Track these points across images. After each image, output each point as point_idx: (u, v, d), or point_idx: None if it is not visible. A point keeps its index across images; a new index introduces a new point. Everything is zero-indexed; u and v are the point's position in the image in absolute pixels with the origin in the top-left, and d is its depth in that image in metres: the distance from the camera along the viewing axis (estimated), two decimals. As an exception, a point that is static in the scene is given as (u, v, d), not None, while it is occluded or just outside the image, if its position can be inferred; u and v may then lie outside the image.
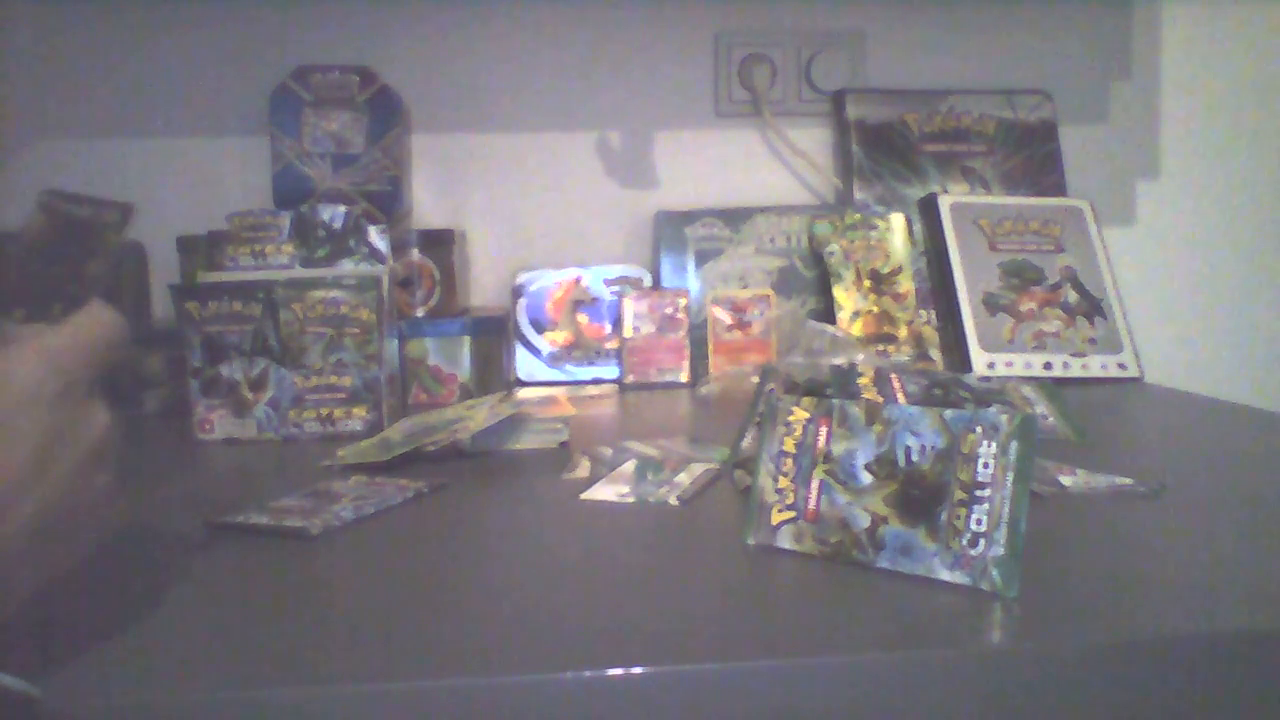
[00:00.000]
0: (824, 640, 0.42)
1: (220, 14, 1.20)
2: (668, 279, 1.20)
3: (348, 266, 0.94)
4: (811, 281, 1.20)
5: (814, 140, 1.28)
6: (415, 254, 1.08)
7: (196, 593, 0.49)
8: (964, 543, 0.46)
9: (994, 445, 0.47)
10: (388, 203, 1.12)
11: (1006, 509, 0.46)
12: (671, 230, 1.21)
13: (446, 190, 1.25)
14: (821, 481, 0.52)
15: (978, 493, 0.47)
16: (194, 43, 1.20)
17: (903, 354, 1.13)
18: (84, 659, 0.39)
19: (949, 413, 0.49)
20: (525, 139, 1.25)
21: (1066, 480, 0.65)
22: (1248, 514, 0.59)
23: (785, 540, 0.52)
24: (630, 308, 1.14)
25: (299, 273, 0.92)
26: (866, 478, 0.50)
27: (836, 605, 0.46)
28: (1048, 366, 1.09)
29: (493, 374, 1.06)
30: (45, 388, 0.36)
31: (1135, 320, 1.18)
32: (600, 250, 1.26)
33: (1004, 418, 0.47)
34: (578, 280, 1.19)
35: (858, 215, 1.20)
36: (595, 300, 1.18)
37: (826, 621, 0.44)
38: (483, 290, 1.25)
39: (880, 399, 0.74)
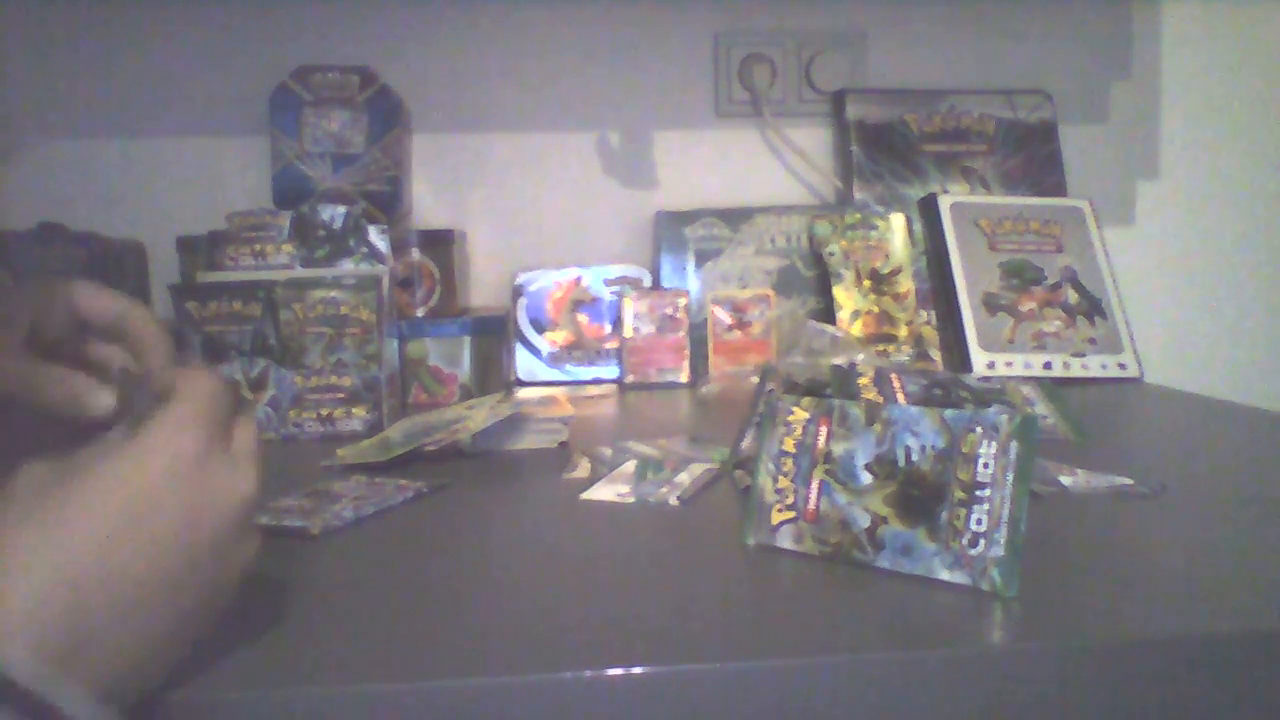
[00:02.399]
0: (824, 640, 0.42)
1: (220, 14, 1.20)
2: (668, 279, 1.19)
3: (348, 266, 0.94)
4: (811, 281, 1.20)
5: (814, 140, 1.28)
6: (415, 254, 1.08)
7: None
8: (964, 543, 0.46)
9: (994, 445, 0.47)
10: (388, 203, 1.12)
11: (1006, 509, 0.46)
12: (671, 230, 1.21)
13: (446, 190, 1.25)
14: (821, 481, 0.52)
15: (978, 493, 0.47)
16: (194, 43, 1.20)
17: (903, 354, 1.13)
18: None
19: (949, 413, 0.49)
20: (525, 139, 1.25)
21: (1066, 480, 0.65)
22: (1248, 514, 0.59)
23: (785, 540, 0.52)
24: (630, 308, 1.14)
25: (299, 273, 0.92)
26: (866, 478, 0.50)
27: (836, 605, 0.46)
28: (1048, 366, 1.09)
29: (493, 374, 1.06)
30: (185, 455, 0.37)
31: (1135, 320, 1.18)
32: (600, 250, 1.26)
33: (1004, 418, 0.47)
34: (578, 280, 1.18)
35: (858, 215, 1.20)
36: (595, 300, 1.18)
37: (826, 621, 0.44)
38: (483, 290, 1.25)
39: (880, 399, 0.74)
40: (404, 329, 1.01)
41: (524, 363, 1.17)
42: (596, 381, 1.15)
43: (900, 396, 0.75)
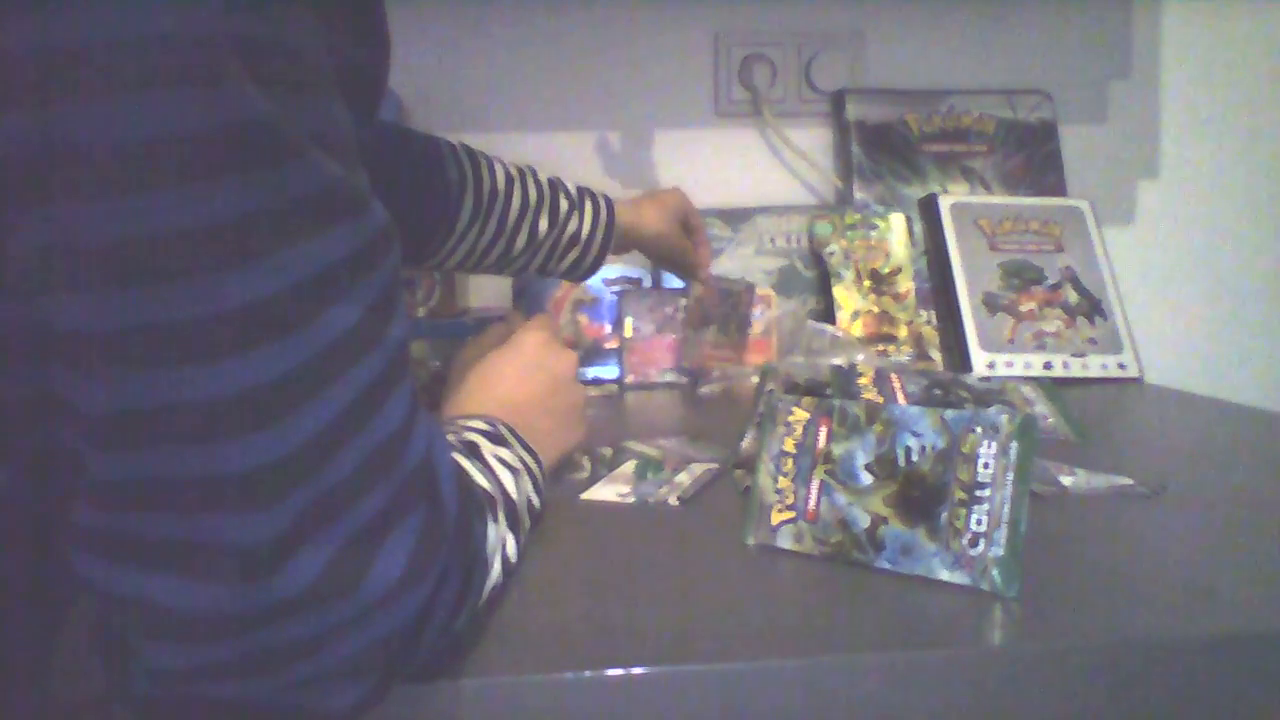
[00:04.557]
0: (824, 640, 0.42)
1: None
2: (668, 279, 1.19)
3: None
4: (811, 281, 1.20)
5: (814, 140, 1.28)
6: (415, 254, 1.08)
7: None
8: (964, 543, 0.46)
9: (994, 445, 0.47)
10: (388, 203, 1.12)
11: (1006, 509, 0.46)
12: (671, 230, 1.21)
13: (446, 190, 1.25)
14: (821, 482, 0.52)
15: (978, 493, 0.47)
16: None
17: (903, 354, 1.13)
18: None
19: (949, 413, 0.49)
20: (525, 139, 1.25)
21: (1066, 480, 0.65)
22: (1248, 514, 0.59)
23: (785, 540, 0.52)
24: (630, 308, 1.14)
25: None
26: (866, 478, 0.50)
27: (836, 605, 0.46)
28: (1048, 366, 1.09)
29: (493, 374, 1.06)
30: (540, 340, 0.66)
31: (1135, 320, 1.18)
32: (600, 250, 1.25)
33: (1004, 418, 0.47)
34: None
35: (858, 215, 1.20)
36: (595, 300, 1.18)
37: (826, 621, 0.44)
38: (483, 290, 1.25)
39: (880, 399, 0.74)
40: (404, 329, 1.01)
41: (524, 363, 1.17)
42: (596, 381, 1.15)
43: (900, 396, 0.75)
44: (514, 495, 0.49)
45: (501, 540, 0.45)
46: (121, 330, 0.29)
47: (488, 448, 0.51)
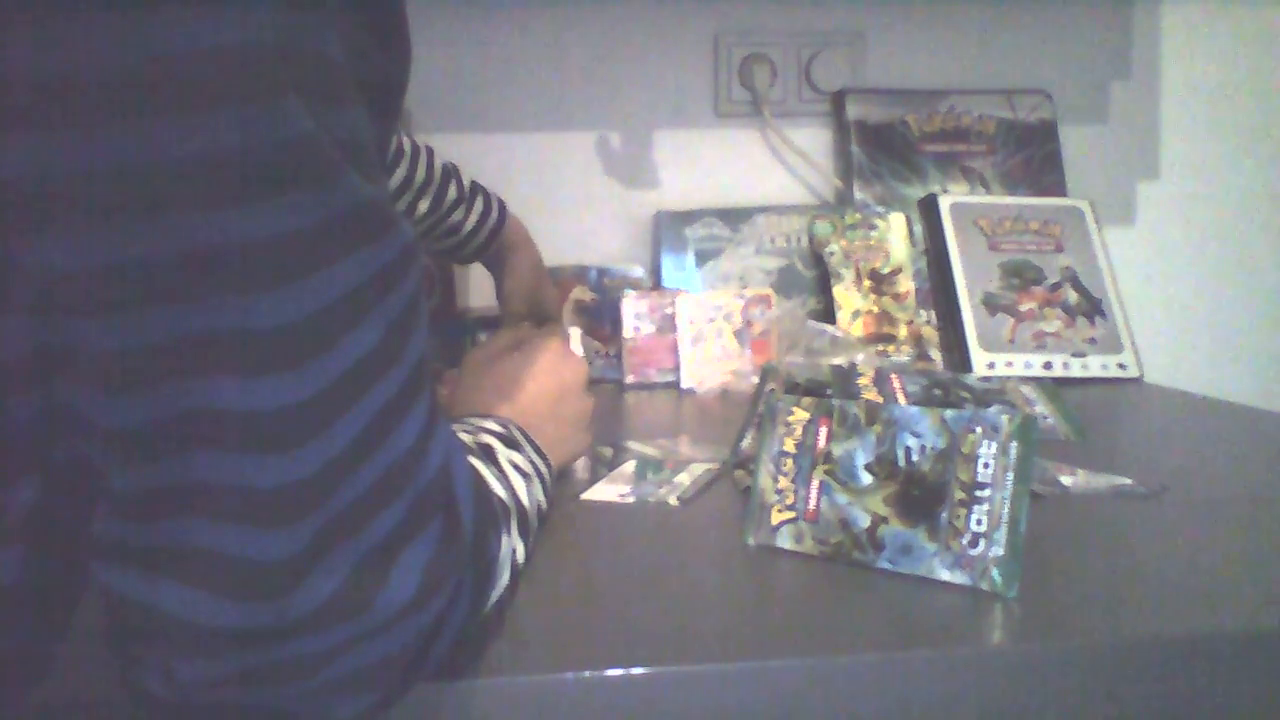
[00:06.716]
0: (824, 640, 0.42)
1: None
2: (668, 279, 1.19)
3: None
4: (811, 281, 1.20)
5: (814, 140, 1.28)
6: (415, 254, 1.08)
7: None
8: (964, 543, 0.46)
9: (994, 445, 0.47)
10: (388, 203, 1.12)
11: (1006, 509, 0.46)
12: (671, 230, 1.21)
13: (446, 190, 1.25)
14: (821, 482, 0.52)
15: (978, 493, 0.47)
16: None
17: (903, 354, 1.13)
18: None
19: (949, 413, 0.49)
20: (525, 139, 1.25)
21: (1066, 480, 0.65)
22: (1248, 514, 0.59)
23: (785, 540, 0.52)
24: (630, 308, 1.14)
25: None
26: (866, 478, 0.50)
27: (836, 605, 0.46)
28: (1048, 366, 1.09)
29: (493, 374, 1.05)
30: (558, 349, 0.67)
31: (1135, 320, 1.18)
32: (600, 250, 1.26)
33: (1004, 418, 0.47)
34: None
35: (858, 215, 1.20)
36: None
37: (826, 621, 0.44)
38: (483, 290, 1.25)
39: (880, 399, 0.74)
40: (404, 329, 1.01)
41: (524, 363, 1.17)
42: (596, 382, 1.15)
43: (900, 396, 0.75)
44: (526, 503, 0.49)
45: (512, 549, 0.45)
46: (147, 348, 0.29)
47: (502, 452, 0.51)
